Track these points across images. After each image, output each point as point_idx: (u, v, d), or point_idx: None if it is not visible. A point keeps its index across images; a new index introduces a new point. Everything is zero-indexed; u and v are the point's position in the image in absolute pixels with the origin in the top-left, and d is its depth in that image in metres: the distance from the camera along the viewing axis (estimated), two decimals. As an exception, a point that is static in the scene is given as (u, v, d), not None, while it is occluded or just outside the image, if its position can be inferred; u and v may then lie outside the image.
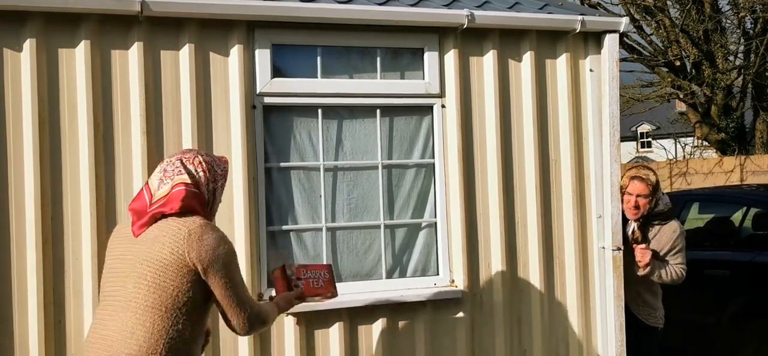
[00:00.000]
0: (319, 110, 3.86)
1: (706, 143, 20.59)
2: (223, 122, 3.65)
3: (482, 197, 4.05)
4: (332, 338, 3.79)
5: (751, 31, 17.82)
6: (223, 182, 2.72)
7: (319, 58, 3.87)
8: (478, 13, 3.93)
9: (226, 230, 3.26)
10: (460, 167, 3.98)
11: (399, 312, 3.90)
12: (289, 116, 3.84)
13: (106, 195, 3.46)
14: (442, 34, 4.00)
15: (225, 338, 3.58)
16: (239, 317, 2.57)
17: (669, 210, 4.23)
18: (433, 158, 4.03)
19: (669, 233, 4.15)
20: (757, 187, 7.64)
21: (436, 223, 4.03)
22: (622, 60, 16.63)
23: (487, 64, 4.08)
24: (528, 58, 4.13)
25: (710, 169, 18.66)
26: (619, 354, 4.13)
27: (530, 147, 4.12)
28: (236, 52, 3.66)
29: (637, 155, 40.81)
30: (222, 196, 2.74)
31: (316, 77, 3.86)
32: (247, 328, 2.60)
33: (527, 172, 4.12)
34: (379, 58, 3.97)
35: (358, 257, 3.92)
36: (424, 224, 4.05)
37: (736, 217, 6.62)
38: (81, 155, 3.42)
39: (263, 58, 3.72)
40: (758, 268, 5.62)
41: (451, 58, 4.01)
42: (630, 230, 4.16)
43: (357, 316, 3.83)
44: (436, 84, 3.99)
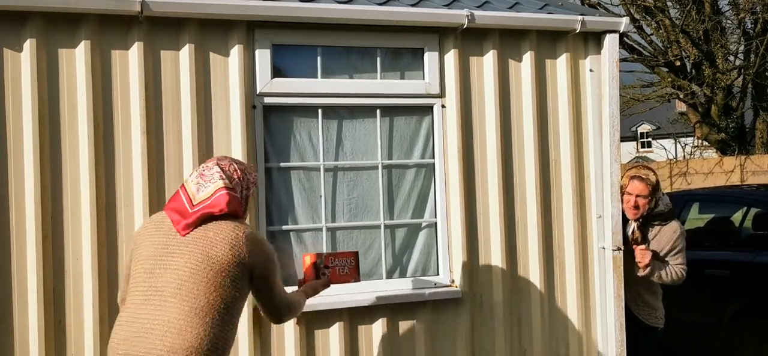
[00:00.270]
0: (319, 110, 3.86)
1: (706, 143, 20.60)
2: (223, 122, 3.65)
3: (482, 197, 4.05)
4: (332, 338, 3.79)
5: (751, 32, 17.83)
6: (253, 191, 2.91)
7: (319, 58, 3.87)
8: (478, 13, 3.93)
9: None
10: (460, 167, 3.98)
11: (399, 312, 3.90)
12: (289, 116, 3.84)
13: (106, 195, 3.46)
14: (442, 34, 4.00)
15: (225, 338, 3.58)
16: (280, 312, 2.88)
17: (669, 211, 4.23)
18: (433, 158, 4.03)
19: (669, 234, 4.15)
20: (757, 187, 7.64)
21: (436, 223, 4.03)
22: (622, 60, 16.63)
23: (487, 64, 4.08)
24: (528, 58, 4.13)
25: (710, 169, 18.66)
26: (619, 354, 4.13)
27: (530, 147, 4.12)
28: (236, 52, 3.66)
29: (637, 155, 40.82)
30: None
31: (316, 77, 3.86)
32: (283, 320, 2.94)
33: (527, 172, 4.13)
34: (379, 58, 3.97)
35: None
36: (424, 224, 4.05)
37: (736, 217, 6.62)
38: (81, 154, 3.42)
39: (263, 58, 3.72)
40: (758, 268, 5.62)
41: (451, 58, 4.01)
42: (630, 231, 4.16)
43: (357, 316, 3.83)
44: (436, 84, 4.00)
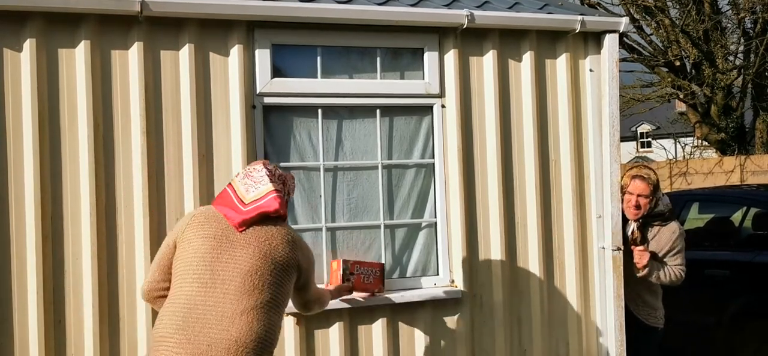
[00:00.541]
0: (319, 110, 3.86)
1: (706, 143, 20.60)
2: (223, 122, 3.65)
3: (482, 197, 4.05)
4: (332, 338, 3.79)
5: (751, 31, 17.82)
6: (292, 196, 3.10)
7: (319, 58, 3.87)
8: (477, 13, 3.93)
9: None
10: (460, 167, 3.98)
11: (399, 312, 3.90)
12: (289, 116, 3.84)
13: (105, 195, 3.46)
14: (442, 34, 4.00)
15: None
16: (312, 306, 3.14)
17: (669, 211, 4.23)
18: (433, 158, 4.03)
19: (668, 234, 4.15)
20: (757, 187, 7.64)
21: (436, 223, 4.03)
22: (622, 60, 16.63)
23: (487, 64, 4.08)
24: (528, 58, 4.13)
25: (710, 169, 18.66)
26: (619, 354, 4.13)
27: (530, 147, 4.12)
28: (236, 52, 3.66)
29: (637, 155, 40.82)
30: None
31: (316, 77, 3.86)
32: (312, 312, 3.22)
33: (527, 172, 4.12)
34: (379, 58, 3.97)
35: (358, 257, 3.92)
36: (424, 225, 4.05)
37: (736, 217, 6.62)
38: (81, 155, 3.42)
39: (263, 58, 3.72)
40: (758, 268, 5.62)
41: (451, 58, 4.01)
42: (629, 231, 4.16)
43: (357, 316, 3.83)
44: (436, 84, 3.99)
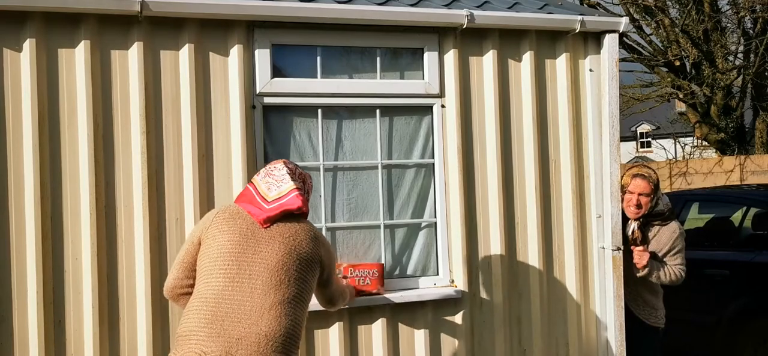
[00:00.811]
0: (319, 110, 3.86)
1: (706, 143, 20.59)
2: (223, 122, 3.65)
3: (482, 197, 4.06)
4: (332, 338, 3.79)
5: (751, 31, 17.82)
6: (311, 195, 3.14)
7: (318, 58, 3.87)
8: (477, 13, 3.93)
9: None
10: (460, 167, 3.98)
11: (399, 312, 3.90)
12: (288, 116, 3.84)
13: (105, 195, 3.46)
14: (441, 34, 4.00)
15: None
16: (336, 300, 3.23)
17: (669, 211, 4.23)
18: (433, 158, 4.04)
19: (668, 234, 4.15)
20: (757, 187, 7.64)
21: (435, 223, 4.03)
22: (622, 60, 16.64)
23: (486, 64, 4.08)
24: (527, 58, 4.13)
25: (710, 169, 18.65)
26: (619, 354, 4.13)
27: (530, 147, 4.12)
28: (236, 52, 3.66)
29: (637, 155, 40.83)
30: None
31: (316, 77, 3.86)
32: (337, 306, 3.30)
33: (527, 172, 4.13)
34: (378, 58, 3.97)
35: (358, 257, 3.92)
36: (423, 224, 4.05)
37: (736, 217, 6.63)
38: (81, 154, 3.42)
39: (263, 58, 3.72)
40: (758, 268, 5.63)
41: (451, 58, 4.01)
42: (630, 231, 4.16)
43: (357, 316, 3.83)
44: (435, 84, 4.00)
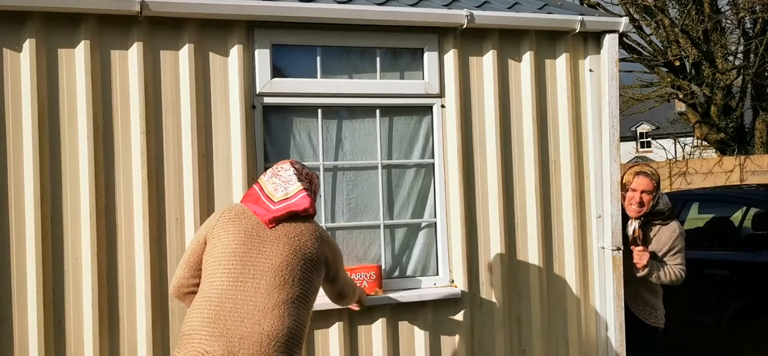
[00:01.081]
0: (319, 110, 3.86)
1: (706, 143, 20.60)
2: (223, 122, 3.65)
3: (482, 197, 4.06)
4: (332, 338, 3.79)
5: (751, 31, 17.83)
6: (318, 195, 3.12)
7: (318, 58, 3.87)
8: (477, 13, 3.93)
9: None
10: (460, 167, 3.98)
11: (399, 312, 3.90)
12: (288, 116, 3.84)
13: (105, 195, 3.46)
14: (441, 34, 4.00)
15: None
16: (346, 295, 3.22)
17: (670, 210, 4.23)
18: (433, 158, 4.04)
19: (668, 234, 4.15)
20: (756, 187, 7.64)
21: (435, 223, 4.03)
22: (622, 60, 16.64)
23: (486, 64, 4.08)
24: (527, 58, 4.13)
25: (710, 169, 18.65)
26: (619, 354, 4.13)
27: (530, 147, 4.12)
28: (236, 52, 3.66)
29: (637, 155, 40.83)
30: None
31: (316, 77, 3.86)
32: (348, 301, 3.30)
33: (527, 172, 4.13)
34: (378, 58, 3.97)
35: (358, 257, 3.92)
36: (423, 224, 4.05)
37: (736, 217, 6.63)
38: (80, 155, 3.42)
39: (263, 58, 3.72)
40: (758, 268, 5.63)
41: (451, 58, 4.01)
42: (631, 230, 4.16)
43: (357, 316, 3.83)
44: (435, 84, 4.00)
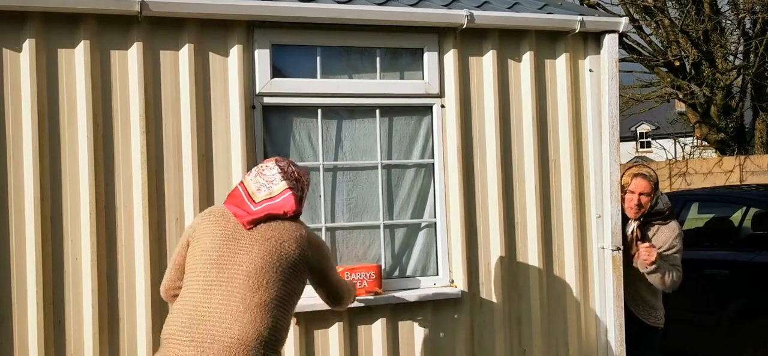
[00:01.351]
0: (319, 110, 3.86)
1: (706, 143, 20.59)
2: (223, 122, 3.65)
3: (482, 197, 4.05)
4: (332, 338, 3.79)
5: (751, 32, 17.83)
6: (307, 192, 3.03)
7: (318, 59, 3.87)
8: (477, 13, 3.93)
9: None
10: (460, 167, 3.98)
11: (398, 312, 3.90)
12: (288, 116, 3.84)
13: (105, 195, 3.46)
14: (441, 35, 4.00)
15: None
16: (340, 297, 3.08)
17: (669, 210, 4.23)
18: (433, 158, 4.03)
19: (667, 233, 4.15)
20: (756, 187, 7.64)
21: (435, 223, 4.03)
22: (622, 60, 16.64)
23: (486, 64, 4.08)
24: (527, 58, 4.13)
25: (710, 169, 18.65)
26: (619, 354, 4.13)
27: (530, 147, 4.12)
28: (236, 53, 3.66)
29: (637, 155, 40.82)
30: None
31: (316, 77, 3.86)
32: (343, 304, 3.16)
33: (527, 172, 4.12)
34: (378, 59, 3.97)
35: (358, 257, 3.92)
36: (423, 225, 4.05)
37: (736, 217, 6.63)
38: (80, 155, 3.42)
39: (263, 58, 3.72)
40: (758, 268, 5.62)
41: (451, 58, 4.01)
42: (629, 230, 4.16)
43: (356, 316, 3.83)
44: (435, 84, 3.99)
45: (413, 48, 4.00)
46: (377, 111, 3.96)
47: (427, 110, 4.03)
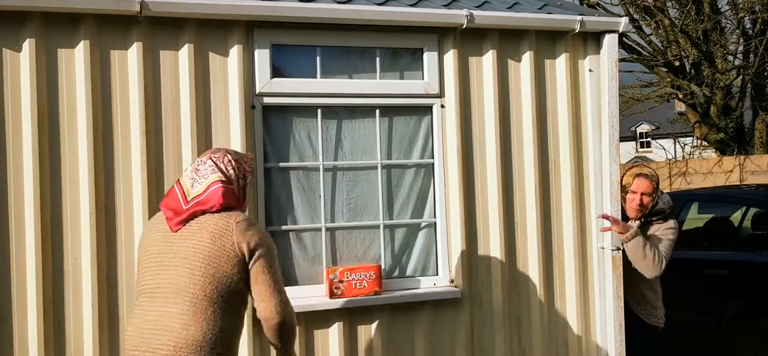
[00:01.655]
0: (319, 110, 3.86)
1: (706, 143, 20.59)
2: (223, 122, 3.65)
3: (482, 197, 4.05)
4: (332, 338, 3.79)
5: (750, 32, 17.83)
6: (251, 179, 2.93)
7: (318, 59, 3.87)
8: (477, 13, 3.93)
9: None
10: (460, 167, 3.98)
11: (398, 312, 3.90)
12: (288, 116, 3.84)
13: (105, 195, 3.46)
14: (441, 35, 4.00)
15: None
16: (273, 298, 2.68)
17: (669, 208, 4.23)
18: (433, 158, 4.03)
19: (664, 228, 4.14)
20: (756, 187, 7.64)
21: (435, 223, 4.03)
22: (622, 60, 16.64)
23: (486, 64, 4.08)
24: (527, 58, 4.13)
25: (709, 169, 18.65)
26: (619, 354, 4.13)
27: (529, 147, 4.12)
28: (235, 53, 3.66)
29: (637, 155, 40.83)
30: (249, 192, 2.93)
31: (316, 77, 3.86)
32: (281, 312, 2.69)
33: (526, 172, 4.13)
34: (378, 59, 3.97)
35: (358, 257, 3.92)
36: (423, 224, 4.05)
37: (736, 217, 6.63)
38: (80, 155, 3.42)
39: (262, 58, 3.72)
40: (758, 268, 5.63)
41: (451, 58, 4.01)
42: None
43: (356, 316, 3.83)
44: (435, 84, 3.99)
45: (413, 48, 4.00)
46: (377, 111, 3.96)
47: (427, 110, 4.03)
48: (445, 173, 4.00)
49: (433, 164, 4.03)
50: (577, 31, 4.12)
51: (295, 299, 3.71)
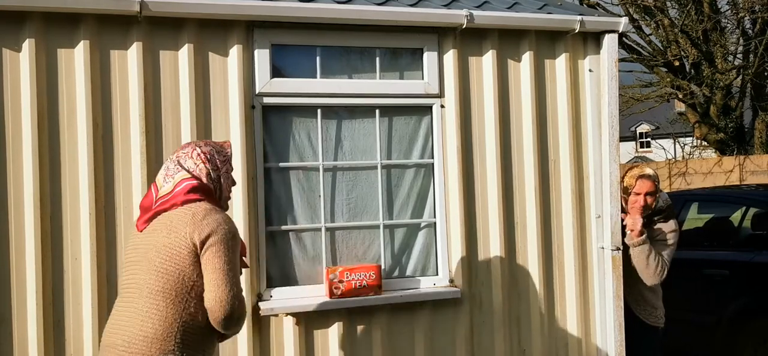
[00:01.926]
0: (319, 110, 3.86)
1: (705, 143, 20.59)
2: (223, 122, 3.65)
3: (481, 197, 4.05)
4: (331, 338, 3.79)
5: (750, 31, 17.83)
6: (228, 168, 2.83)
7: (318, 59, 3.87)
8: (477, 13, 3.93)
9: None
10: (460, 167, 3.98)
11: (398, 312, 3.90)
12: (288, 116, 3.84)
13: (105, 195, 3.46)
14: (441, 35, 4.00)
15: (224, 338, 3.57)
16: (222, 291, 2.52)
17: (669, 207, 4.23)
18: (433, 158, 4.03)
19: (665, 229, 4.14)
20: (756, 187, 7.64)
21: (435, 223, 4.03)
22: (621, 60, 16.63)
23: (486, 64, 4.08)
24: (527, 58, 4.13)
25: (709, 169, 18.65)
26: (619, 354, 4.13)
27: (529, 147, 4.12)
28: (235, 53, 3.66)
29: (637, 155, 40.84)
30: (230, 182, 2.85)
31: (316, 77, 3.86)
32: (228, 308, 2.53)
33: (526, 172, 4.12)
34: (378, 59, 3.97)
35: (358, 257, 3.92)
36: (423, 224, 4.05)
37: (736, 217, 6.63)
38: (80, 155, 3.42)
39: (262, 58, 3.72)
40: (758, 268, 5.63)
41: (451, 58, 4.01)
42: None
43: (356, 316, 3.82)
44: (435, 84, 3.99)
45: (413, 48, 4.00)
46: (377, 111, 3.96)
47: (427, 110, 4.03)
48: (444, 173, 4.00)
49: (433, 164, 4.03)
50: (577, 31, 4.12)
51: (295, 299, 3.72)
